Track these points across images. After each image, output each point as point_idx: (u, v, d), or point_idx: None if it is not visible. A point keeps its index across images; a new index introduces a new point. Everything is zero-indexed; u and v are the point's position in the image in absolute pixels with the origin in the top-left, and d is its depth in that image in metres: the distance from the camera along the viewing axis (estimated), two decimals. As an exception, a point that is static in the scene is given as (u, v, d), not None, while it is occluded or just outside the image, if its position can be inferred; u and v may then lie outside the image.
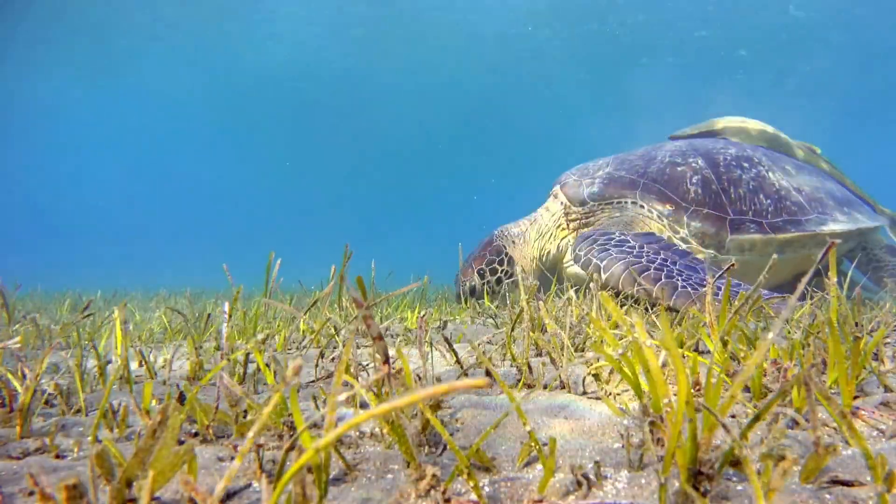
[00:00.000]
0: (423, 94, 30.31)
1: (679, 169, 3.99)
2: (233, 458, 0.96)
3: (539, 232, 4.18)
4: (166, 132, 39.75)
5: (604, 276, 3.07)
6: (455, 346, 2.10)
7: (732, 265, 1.59)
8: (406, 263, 7.08)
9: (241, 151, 46.04)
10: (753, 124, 5.34)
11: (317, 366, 1.66)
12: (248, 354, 1.56)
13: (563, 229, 4.14)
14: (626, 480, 0.83)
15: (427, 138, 40.76)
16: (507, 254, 4.07)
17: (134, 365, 1.98)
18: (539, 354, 1.89)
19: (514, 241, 4.15)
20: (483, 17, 19.73)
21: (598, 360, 1.41)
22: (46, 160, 44.14)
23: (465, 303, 3.95)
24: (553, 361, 1.59)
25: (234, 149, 45.06)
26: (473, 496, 0.77)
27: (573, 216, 4.08)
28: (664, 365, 1.34)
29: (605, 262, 3.11)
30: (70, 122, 33.07)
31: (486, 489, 0.81)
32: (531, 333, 1.83)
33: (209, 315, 2.32)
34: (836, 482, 0.78)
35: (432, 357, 1.83)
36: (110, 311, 2.77)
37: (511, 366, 1.72)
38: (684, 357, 1.56)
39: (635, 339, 0.76)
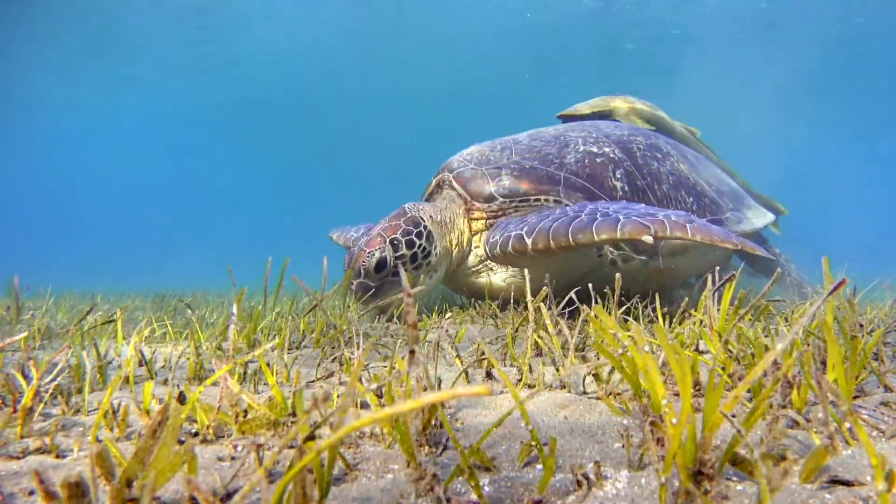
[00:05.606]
0: (422, 93, 30.33)
1: (599, 160, 3.42)
2: (233, 458, 0.96)
3: (441, 223, 3.31)
4: (167, 133, 39.78)
5: (528, 241, 2.68)
6: (456, 344, 2.10)
7: (733, 276, 1.56)
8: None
9: (242, 151, 46.06)
10: (643, 105, 4.96)
11: (318, 365, 1.66)
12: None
13: (464, 230, 3.35)
14: (626, 480, 0.83)
15: (426, 138, 40.78)
16: (425, 227, 3.17)
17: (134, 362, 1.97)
18: (539, 354, 1.89)
19: (431, 217, 3.27)
20: (480, 13, 19.71)
21: (598, 359, 1.41)
22: (47, 161, 44.21)
23: (357, 295, 3.00)
24: (554, 362, 1.59)
25: (235, 148, 45.09)
26: (474, 496, 0.77)
27: (476, 214, 3.32)
28: (664, 364, 1.34)
29: (525, 229, 2.70)
30: (73, 123, 33.05)
31: (487, 489, 0.81)
32: (533, 334, 1.83)
33: (228, 316, 2.32)
34: (836, 482, 0.78)
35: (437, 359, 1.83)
36: (112, 312, 2.78)
37: (511, 366, 1.72)
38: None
39: (633, 344, 0.76)
